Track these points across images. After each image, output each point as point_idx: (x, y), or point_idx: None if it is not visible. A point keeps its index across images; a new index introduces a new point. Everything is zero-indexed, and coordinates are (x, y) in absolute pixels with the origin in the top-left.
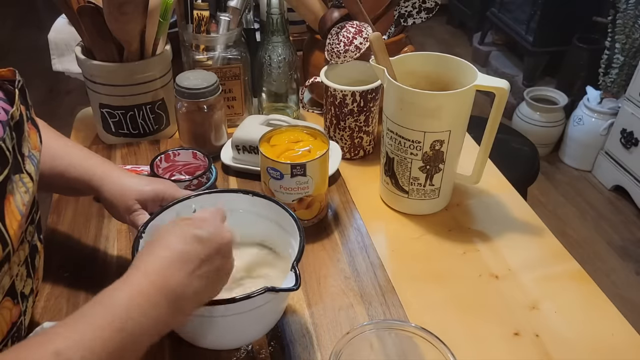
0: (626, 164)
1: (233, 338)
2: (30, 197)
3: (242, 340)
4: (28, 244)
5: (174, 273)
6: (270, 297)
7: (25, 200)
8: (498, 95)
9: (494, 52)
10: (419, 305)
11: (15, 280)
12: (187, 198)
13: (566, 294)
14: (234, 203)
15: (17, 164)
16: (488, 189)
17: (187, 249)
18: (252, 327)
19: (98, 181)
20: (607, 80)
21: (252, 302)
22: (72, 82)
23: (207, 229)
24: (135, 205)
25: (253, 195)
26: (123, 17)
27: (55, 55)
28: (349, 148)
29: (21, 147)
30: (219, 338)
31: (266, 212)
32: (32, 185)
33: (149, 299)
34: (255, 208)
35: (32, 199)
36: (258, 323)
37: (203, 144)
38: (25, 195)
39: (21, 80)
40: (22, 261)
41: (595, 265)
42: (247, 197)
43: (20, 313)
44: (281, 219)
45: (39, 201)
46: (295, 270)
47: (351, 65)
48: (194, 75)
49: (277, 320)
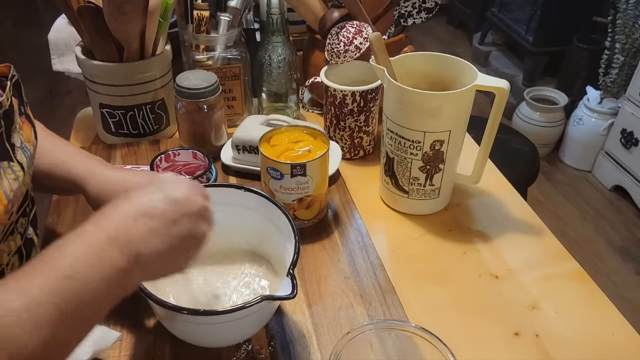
0: (626, 164)
1: (226, 339)
2: (20, 186)
3: (234, 340)
4: (20, 236)
5: (135, 226)
6: (265, 304)
7: (13, 187)
8: (498, 95)
9: (494, 52)
10: (419, 305)
11: (6, 269)
12: None
13: (566, 294)
14: (225, 198)
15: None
16: (488, 189)
17: (154, 205)
18: (246, 330)
19: (81, 180)
20: (607, 80)
21: (247, 310)
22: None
23: (179, 191)
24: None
25: (245, 190)
26: (123, 17)
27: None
28: (349, 148)
29: (11, 136)
30: (211, 339)
31: (259, 208)
32: (23, 175)
33: (102, 252)
34: (248, 203)
35: (23, 189)
36: (252, 325)
37: (203, 144)
38: (15, 182)
39: (16, 75)
40: (14, 251)
41: (595, 265)
42: (239, 192)
43: None
44: (275, 218)
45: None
46: (292, 277)
47: (351, 65)
48: (194, 75)
49: (269, 319)
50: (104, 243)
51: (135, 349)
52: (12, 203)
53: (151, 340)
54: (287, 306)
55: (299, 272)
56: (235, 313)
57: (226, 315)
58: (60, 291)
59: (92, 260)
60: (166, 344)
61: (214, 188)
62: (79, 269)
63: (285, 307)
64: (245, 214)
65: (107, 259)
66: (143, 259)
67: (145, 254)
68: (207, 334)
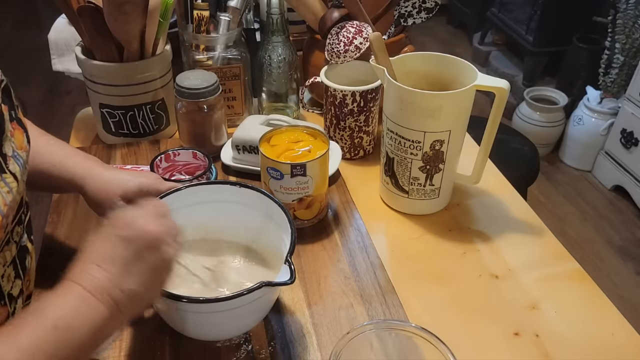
0: (626, 164)
1: (225, 330)
2: (15, 196)
3: (234, 332)
4: (15, 245)
5: (102, 274)
6: (265, 291)
7: (7, 201)
8: (498, 95)
9: (494, 52)
10: (419, 305)
11: (2, 281)
12: (174, 191)
13: (566, 294)
14: (220, 194)
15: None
16: (488, 189)
17: (111, 251)
18: (245, 320)
19: (80, 180)
20: (607, 80)
21: (248, 297)
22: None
23: (132, 228)
24: (119, 202)
25: (240, 186)
26: (123, 17)
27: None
28: (349, 148)
29: (2, 146)
30: (210, 331)
31: (255, 203)
32: (17, 186)
33: (84, 302)
34: (244, 199)
35: (17, 198)
36: (251, 316)
37: (203, 144)
38: (8, 195)
39: (5, 79)
40: (9, 262)
41: (595, 265)
42: (234, 189)
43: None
44: (272, 212)
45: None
46: (290, 264)
47: (351, 65)
48: (194, 75)
49: (269, 310)
50: (83, 294)
51: (134, 349)
52: (6, 217)
53: (151, 340)
54: (287, 306)
55: (299, 272)
56: (234, 300)
57: (225, 302)
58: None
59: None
60: (166, 344)
61: (211, 186)
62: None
63: (285, 307)
64: (242, 210)
65: (91, 307)
66: (122, 302)
67: (122, 297)
68: (206, 324)
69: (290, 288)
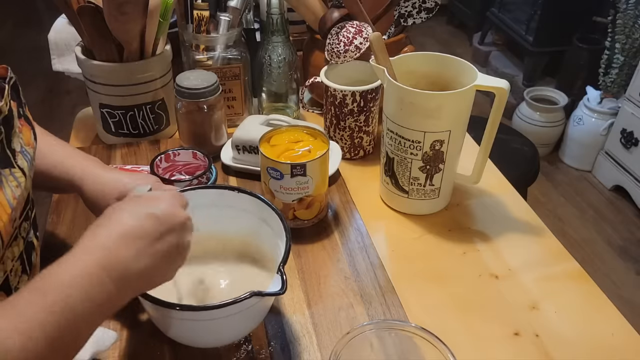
0: (626, 164)
1: (220, 338)
2: (23, 191)
3: (228, 340)
4: (23, 240)
5: (121, 249)
6: (257, 300)
7: (16, 194)
8: (498, 95)
9: (494, 52)
10: (419, 305)
11: (10, 275)
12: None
13: (566, 294)
14: (221, 200)
15: (7, 158)
16: (488, 189)
17: (139, 225)
18: (238, 328)
19: (78, 180)
20: (607, 80)
21: (237, 306)
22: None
23: (160, 207)
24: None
25: (239, 192)
26: (123, 17)
27: (55, 55)
28: (349, 148)
29: (11, 142)
30: (206, 338)
31: (253, 209)
32: (25, 181)
33: (91, 279)
34: (242, 205)
35: (25, 194)
36: (245, 323)
37: (203, 144)
38: (17, 189)
39: (14, 77)
40: (17, 257)
41: (595, 265)
42: (232, 194)
43: None
44: (268, 217)
45: (39, 202)
46: (282, 274)
47: (351, 65)
48: (194, 75)
49: (264, 317)
50: (92, 269)
51: (134, 350)
52: (15, 210)
53: (150, 340)
54: (287, 306)
55: (299, 272)
56: (225, 309)
57: (217, 310)
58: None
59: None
60: (165, 344)
61: (209, 190)
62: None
63: (285, 307)
64: (239, 215)
65: (97, 284)
66: (132, 280)
67: (134, 275)
68: (200, 331)
69: (290, 288)
